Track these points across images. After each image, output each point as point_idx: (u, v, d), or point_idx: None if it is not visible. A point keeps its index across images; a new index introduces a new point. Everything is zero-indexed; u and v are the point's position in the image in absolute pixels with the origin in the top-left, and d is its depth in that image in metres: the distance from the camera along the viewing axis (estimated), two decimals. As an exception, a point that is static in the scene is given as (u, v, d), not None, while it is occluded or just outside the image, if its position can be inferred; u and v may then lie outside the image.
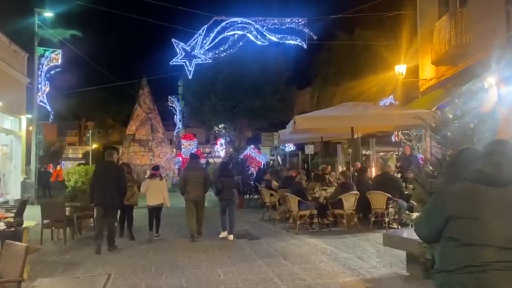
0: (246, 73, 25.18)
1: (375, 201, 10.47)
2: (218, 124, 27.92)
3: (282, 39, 16.26)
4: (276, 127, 30.26)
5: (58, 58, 18.73)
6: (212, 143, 45.50)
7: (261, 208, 14.77)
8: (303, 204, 10.30)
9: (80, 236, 10.58)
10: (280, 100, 25.78)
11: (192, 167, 10.25)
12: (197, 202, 9.77)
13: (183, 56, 15.73)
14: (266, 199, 12.51)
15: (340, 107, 11.91)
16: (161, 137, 29.37)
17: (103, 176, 8.59)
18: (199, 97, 26.41)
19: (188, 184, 9.67)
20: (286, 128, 12.96)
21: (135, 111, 29.34)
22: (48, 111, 18.93)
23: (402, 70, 16.46)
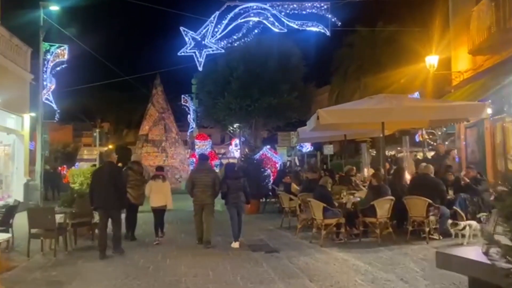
0: (262, 70, 23.63)
1: (414, 208, 8.87)
2: (232, 123, 26.42)
3: (302, 25, 14.64)
4: (293, 126, 28.70)
5: (65, 53, 17.55)
6: (226, 143, 44.15)
7: (279, 213, 13.26)
8: (329, 211, 8.75)
9: (75, 246, 9.22)
10: (297, 98, 24.14)
11: (200, 169, 9.32)
12: (204, 207, 8.90)
13: (193, 46, 14.26)
14: (285, 204, 10.99)
15: (369, 100, 10.31)
16: (175, 138, 28.05)
17: (101, 177, 8.16)
18: (213, 95, 24.95)
19: (196, 187, 8.89)
20: (307, 125, 11.42)
21: (148, 110, 28.09)
22: (54, 109, 17.74)
23: (434, 61, 14.73)
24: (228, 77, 24.06)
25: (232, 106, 23.78)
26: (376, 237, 8.97)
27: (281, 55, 24.19)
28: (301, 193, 10.32)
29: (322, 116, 9.15)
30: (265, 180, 13.96)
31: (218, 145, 42.73)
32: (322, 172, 14.34)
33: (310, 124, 10.58)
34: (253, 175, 13.60)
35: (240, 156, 18.10)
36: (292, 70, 24.59)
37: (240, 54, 23.89)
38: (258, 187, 13.54)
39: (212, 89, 24.91)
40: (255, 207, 13.70)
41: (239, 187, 8.85)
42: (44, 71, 17.22)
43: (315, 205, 8.86)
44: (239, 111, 23.99)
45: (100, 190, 8.00)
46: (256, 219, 12.67)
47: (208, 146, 26.58)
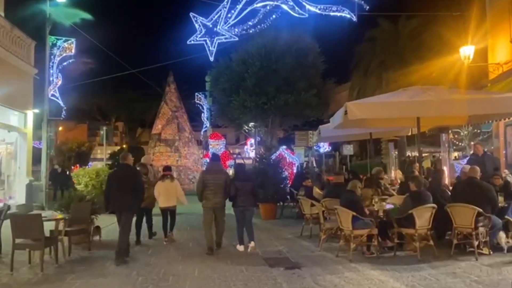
0: (279, 67, 22.27)
1: (459, 217, 7.48)
2: (247, 122, 25.17)
3: (325, 10, 13.23)
4: (310, 125, 27.32)
5: (72, 47, 16.55)
6: (241, 143, 42.93)
7: (297, 219, 11.96)
8: (359, 220, 7.42)
9: (69, 257, 8.08)
10: (316, 95, 22.74)
11: (212, 170, 8.56)
12: (216, 210, 8.32)
13: (203, 33, 12.99)
14: (305, 211, 9.67)
15: (403, 92, 8.93)
16: (188, 137, 26.98)
17: (117, 180, 7.74)
18: (227, 93, 23.71)
19: (207, 189, 8.24)
20: (330, 122, 10.09)
21: (161, 109, 27.10)
22: (60, 106, 16.74)
23: (469, 52, 13.21)
24: (243, 73, 22.82)
25: (247, 104, 22.50)
26: (413, 250, 7.63)
27: (299, 51, 22.79)
28: (325, 199, 8.99)
29: (350, 110, 7.82)
30: (283, 182, 12.65)
31: (233, 145, 41.59)
32: (345, 175, 13.02)
33: (335, 121, 9.24)
34: (270, 177, 12.34)
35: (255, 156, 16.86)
36: (310, 66, 23.15)
37: (256, 50, 22.64)
38: (275, 190, 12.27)
39: (226, 87, 23.65)
40: (272, 212, 12.44)
41: (249, 190, 8.31)
42: (51, 66, 16.25)
43: (342, 214, 7.54)
44: (254, 109, 22.67)
45: (117, 194, 7.58)
46: (273, 226, 11.39)
47: (222, 146, 25.38)
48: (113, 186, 7.72)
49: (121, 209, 7.64)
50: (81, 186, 14.32)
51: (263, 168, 12.47)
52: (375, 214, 7.92)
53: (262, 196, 12.22)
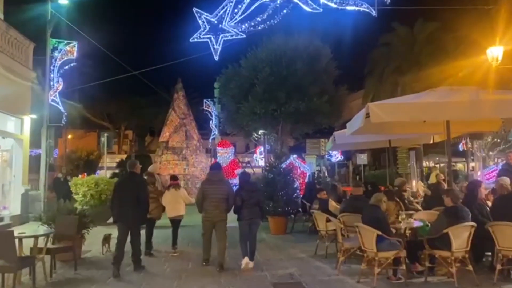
0: (289, 73, 21.25)
1: (504, 238, 6.27)
2: (257, 129, 24.09)
3: (342, 4, 12.07)
4: (321, 133, 26.18)
5: (74, 51, 15.68)
6: (250, 151, 41.81)
7: (311, 234, 10.79)
8: (385, 241, 6.25)
9: (51, 279, 7.02)
10: (328, 102, 21.62)
11: (213, 180, 7.73)
12: (216, 224, 7.60)
13: (208, 30, 11.92)
14: (320, 226, 8.50)
15: (431, 93, 7.79)
16: (196, 145, 25.98)
17: (123, 189, 7.41)
18: (236, 99, 22.70)
19: (207, 200, 7.57)
20: (347, 127, 8.98)
21: (169, 116, 26.17)
22: (61, 112, 15.83)
23: (498, 53, 12.01)
24: (253, 79, 21.82)
25: (256, 111, 21.46)
26: (447, 276, 6.45)
27: (310, 55, 21.76)
28: (343, 213, 7.83)
29: (373, 112, 6.70)
30: (294, 193, 11.50)
31: (242, 154, 40.45)
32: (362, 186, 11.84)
33: (353, 125, 8.13)
34: (280, 187, 11.20)
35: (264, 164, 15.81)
36: (322, 72, 22.08)
37: (266, 55, 21.65)
38: (286, 202, 11.13)
39: (235, 93, 22.67)
40: (282, 226, 11.29)
41: (255, 201, 7.57)
42: (51, 70, 15.39)
43: (365, 232, 6.37)
44: (264, 116, 21.62)
45: (122, 203, 7.25)
46: (283, 242, 10.21)
47: (231, 154, 24.31)
48: (118, 195, 7.37)
49: (127, 220, 7.27)
50: (79, 196, 13.34)
51: (273, 178, 11.33)
52: (401, 232, 6.73)
53: (272, 208, 11.11)
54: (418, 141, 12.90)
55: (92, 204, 13.22)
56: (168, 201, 8.91)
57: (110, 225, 13.34)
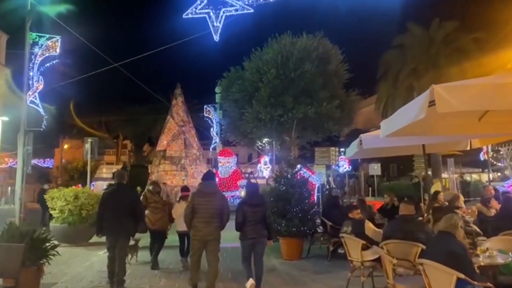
0: (297, 75, 19.28)
1: None
2: (261, 137, 21.99)
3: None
4: (331, 142, 24.05)
5: (56, 46, 13.64)
6: (253, 161, 39.64)
7: (333, 260, 8.61)
8: (467, 287, 4.09)
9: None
10: (338, 107, 19.60)
11: (204, 192, 6.53)
12: (208, 243, 6.42)
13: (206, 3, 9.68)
14: (353, 255, 6.31)
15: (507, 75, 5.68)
16: (196, 154, 23.80)
17: (113, 201, 6.87)
18: (239, 105, 20.69)
19: (197, 215, 6.44)
20: (384, 127, 6.86)
21: (167, 123, 24.04)
22: (40, 115, 13.72)
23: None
24: (257, 83, 19.82)
25: (261, 117, 19.42)
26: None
27: (319, 57, 19.80)
28: (388, 240, 5.65)
29: (441, 98, 4.56)
30: (312, 209, 9.32)
31: (244, 164, 38.21)
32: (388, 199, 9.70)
33: (404, 118, 5.96)
34: (294, 202, 9.04)
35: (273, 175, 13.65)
36: (332, 75, 20.11)
37: (272, 56, 19.67)
38: (302, 220, 8.95)
39: (238, 98, 20.66)
40: (297, 249, 9.10)
41: (261, 217, 6.44)
42: (31, 67, 13.33)
43: (436, 274, 4.20)
44: (269, 122, 19.57)
45: (112, 216, 6.78)
46: (300, 272, 8.01)
47: (233, 164, 22.17)
48: (108, 208, 6.85)
49: (117, 234, 6.78)
50: (56, 212, 11.19)
51: (285, 191, 9.18)
52: (488, 273, 4.56)
53: (284, 228, 8.93)
54: (456, 146, 10.70)
55: (71, 222, 11.05)
56: (179, 214, 8.03)
57: (93, 245, 11.27)
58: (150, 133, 35.71)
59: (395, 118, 6.31)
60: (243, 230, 6.39)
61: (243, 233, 6.41)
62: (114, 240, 6.84)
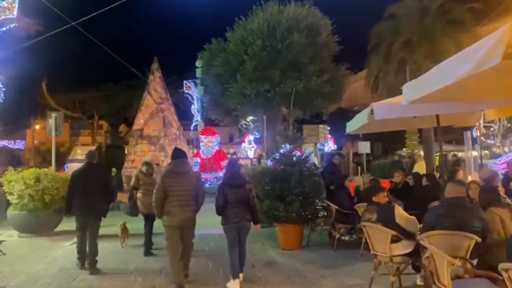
0: (285, 46, 17.74)
1: None
2: (246, 115, 20.51)
3: None
4: (320, 118, 22.79)
5: (13, 8, 11.71)
6: (235, 142, 38.18)
7: (339, 249, 7.34)
8: None
9: None
10: (328, 82, 18.23)
11: (176, 171, 5.76)
12: (184, 229, 5.69)
13: None
14: (379, 249, 4.96)
15: None
16: (176, 133, 22.11)
17: (84, 180, 6.62)
18: (222, 80, 19.06)
19: (171, 199, 5.59)
20: (407, 90, 5.56)
21: (144, 100, 22.20)
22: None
23: None
24: (242, 55, 18.18)
25: (246, 92, 17.86)
26: None
27: (308, 27, 18.26)
28: (430, 232, 4.29)
29: None
30: (319, 193, 7.93)
31: (226, 145, 36.66)
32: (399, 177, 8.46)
33: (439, 77, 4.63)
34: (295, 184, 7.66)
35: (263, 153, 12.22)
36: (322, 46, 18.66)
37: (257, 26, 18.01)
38: (303, 203, 7.59)
39: (221, 72, 18.98)
40: (297, 237, 7.76)
41: (244, 198, 5.68)
42: (-18, 32, 11.42)
43: None
44: (255, 98, 18.05)
45: (81, 195, 6.54)
46: (304, 266, 6.66)
47: (216, 143, 20.65)
48: (78, 187, 6.66)
49: (87, 214, 6.59)
50: (14, 198, 9.50)
51: (283, 171, 7.79)
52: None
53: (283, 213, 7.56)
54: (470, 119, 9.47)
55: (32, 209, 9.41)
56: None
57: (59, 234, 9.77)
58: (126, 112, 33.54)
59: (433, 76, 4.94)
60: (224, 214, 5.66)
61: (224, 217, 5.69)
62: (84, 220, 6.59)
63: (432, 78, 4.90)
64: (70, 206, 6.67)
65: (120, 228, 8.10)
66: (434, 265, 3.91)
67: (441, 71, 4.68)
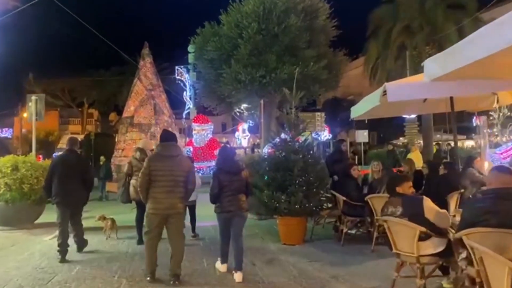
0: (281, 29, 16.85)
1: None
2: (240, 102, 19.61)
3: None
4: (314, 106, 22.02)
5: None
6: (227, 130, 37.34)
7: (347, 245, 6.63)
8: None
9: None
10: (325, 68, 17.41)
11: (163, 155, 5.15)
12: (170, 218, 5.09)
13: None
14: (405, 248, 4.20)
15: None
16: (168, 121, 21.16)
17: (65, 167, 6.41)
18: (216, 65, 18.14)
19: (156, 184, 5.03)
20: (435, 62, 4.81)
21: (134, 87, 21.17)
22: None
23: None
24: (236, 39, 17.24)
25: (241, 78, 16.97)
26: None
27: (306, 10, 17.36)
28: (474, 229, 3.53)
29: None
30: (324, 182, 7.16)
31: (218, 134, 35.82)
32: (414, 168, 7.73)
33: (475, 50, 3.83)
34: (298, 172, 6.89)
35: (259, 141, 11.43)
36: (320, 31, 17.79)
37: (253, 8, 17.06)
38: (307, 194, 6.82)
39: (214, 57, 18.04)
40: (299, 231, 7.01)
41: (239, 186, 5.31)
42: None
43: None
44: (250, 84, 17.19)
45: (63, 182, 6.31)
46: (310, 263, 5.91)
47: (210, 131, 19.79)
48: (57, 173, 6.34)
49: (67, 202, 6.32)
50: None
51: (285, 159, 7.01)
52: None
53: (285, 205, 6.79)
54: (483, 103, 8.73)
55: (9, 199, 8.55)
56: None
57: (40, 227, 8.94)
58: (117, 100, 32.43)
59: (465, 47, 4.14)
60: (218, 202, 5.32)
61: (219, 206, 5.33)
62: (64, 209, 6.37)
63: (465, 49, 4.09)
64: (48, 192, 6.48)
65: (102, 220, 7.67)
66: (484, 272, 3.15)
67: (480, 39, 3.86)
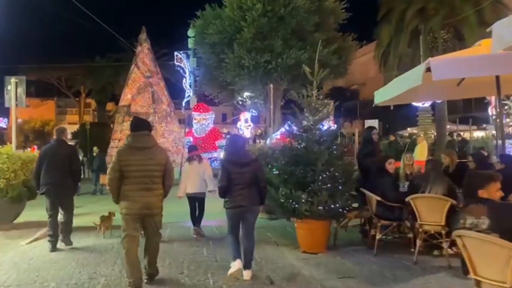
0: (288, 11, 15.50)
1: None
2: (243, 89, 18.28)
3: None
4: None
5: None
6: (228, 121, 36.08)
7: (380, 254, 5.42)
8: None
9: None
10: (335, 53, 16.11)
11: (136, 147, 4.42)
12: (146, 218, 4.46)
13: None
14: (491, 275, 2.99)
15: None
16: (166, 110, 19.89)
17: (53, 157, 6.24)
18: (218, 50, 16.81)
19: (129, 181, 4.38)
20: None
21: (131, 74, 19.88)
22: None
23: None
24: (239, 22, 15.91)
25: (244, 63, 15.69)
26: None
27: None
28: None
29: None
30: (352, 179, 5.93)
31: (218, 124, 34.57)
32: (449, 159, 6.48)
33: None
34: (322, 167, 5.66)
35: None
36: (329, 13, 16.46)
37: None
38: (333, 193, 5.59)
39: (216, 41, 16.73)
40: (323, 237, 5.80)
41: (250, 178, 4.71)
42: None
43: None
44: (254, 70, 15.89)
45: (51, 172, 6.13)
46: (341, 280, 4.70)
47: (211, 121, 18.51)
48: (45, 163, 6.17)
49: (55, 193, 6.16)
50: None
51: (306, 150, 5.78)
52: None
53: (307, 205, 5.56)
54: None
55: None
56: (187, 175, 7.10)
57: (19, 228, 7.76)
58: (114, 89, 31.05)
59: None
60: (227, 197, 4.79)
61: (228, 200, 4.79)
62: (53, 199, 6.20)
63: None
64: (37, 183, 6.28)
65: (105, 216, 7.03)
66: None
67: None
